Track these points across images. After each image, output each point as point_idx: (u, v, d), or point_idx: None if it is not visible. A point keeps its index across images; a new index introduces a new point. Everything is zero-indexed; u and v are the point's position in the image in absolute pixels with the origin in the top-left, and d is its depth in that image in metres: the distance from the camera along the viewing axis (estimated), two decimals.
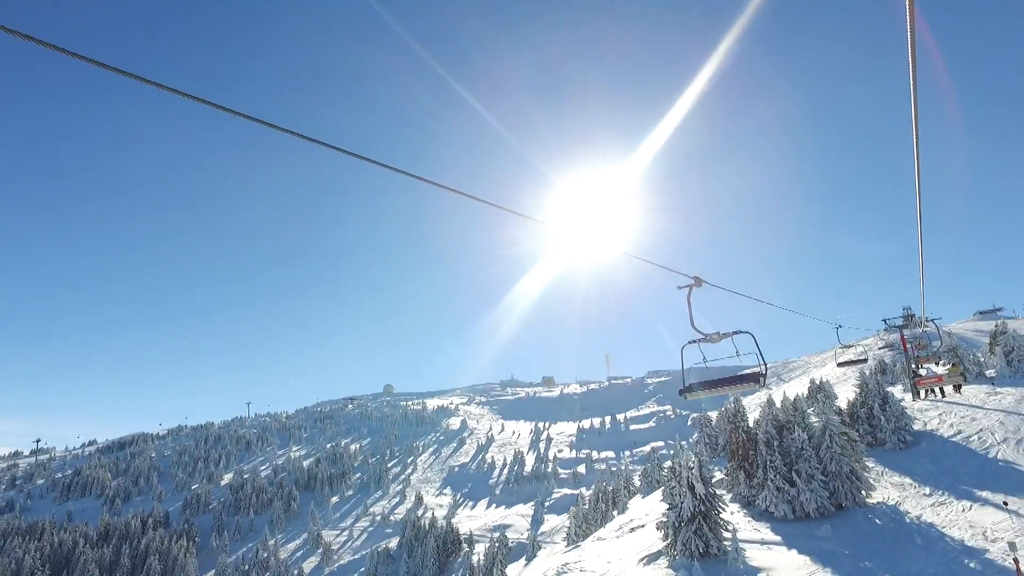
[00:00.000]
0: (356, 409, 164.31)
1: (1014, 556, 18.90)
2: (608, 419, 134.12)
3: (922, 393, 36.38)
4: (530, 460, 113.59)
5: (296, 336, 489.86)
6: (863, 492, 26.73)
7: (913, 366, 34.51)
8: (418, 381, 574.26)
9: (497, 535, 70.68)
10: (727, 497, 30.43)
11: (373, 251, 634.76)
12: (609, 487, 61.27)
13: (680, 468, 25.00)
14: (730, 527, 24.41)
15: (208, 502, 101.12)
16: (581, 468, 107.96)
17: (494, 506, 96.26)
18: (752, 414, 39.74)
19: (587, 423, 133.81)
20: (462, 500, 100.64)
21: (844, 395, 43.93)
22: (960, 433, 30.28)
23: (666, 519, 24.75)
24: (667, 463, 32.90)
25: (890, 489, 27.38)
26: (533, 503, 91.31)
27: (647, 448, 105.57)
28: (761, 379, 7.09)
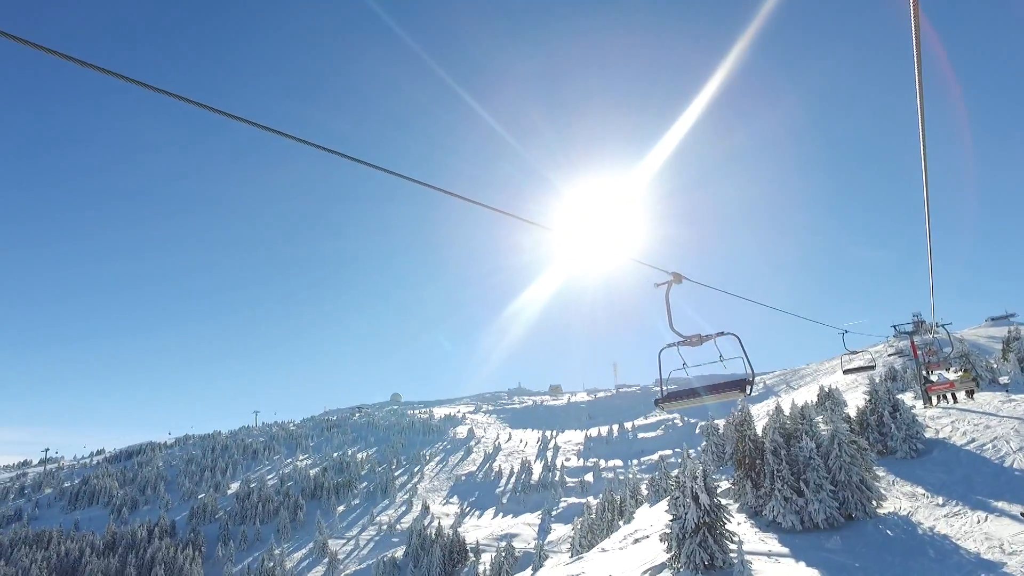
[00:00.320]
0: (363, 418, 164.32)
1: None
2: (616, 427, 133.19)
3: (934, 400, 35.59)
4: (537, 469, 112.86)
5: (303, 345, 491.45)
6: (873, 502, 25.98)
7: (924, 372, 33.80)
8: (426, 389, 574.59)
9: (504, 544, 70.02)
10: (734, 507, 29.76)
11: (379, 259, 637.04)
12: (616, 496, 60.46)
13: (684, 478, 24.42)
14: (736, 539, 23.77)
15: (215, 511, 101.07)
16: (589, 477, 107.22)
17: (501, 515, 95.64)
18: (760, 422, 39.03)
19: (595, 431, 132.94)
20: (469, 509, 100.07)
21: (854, 402, 43.13)
22: (974, 441, 29.44)
23: (670, 531, 24.17)
24: (674, 472, 32.27)
25: (901, 499, 26.62)
26: (540, 512, 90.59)
27: (655, 456, 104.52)
28: (748, 387, 6.33)
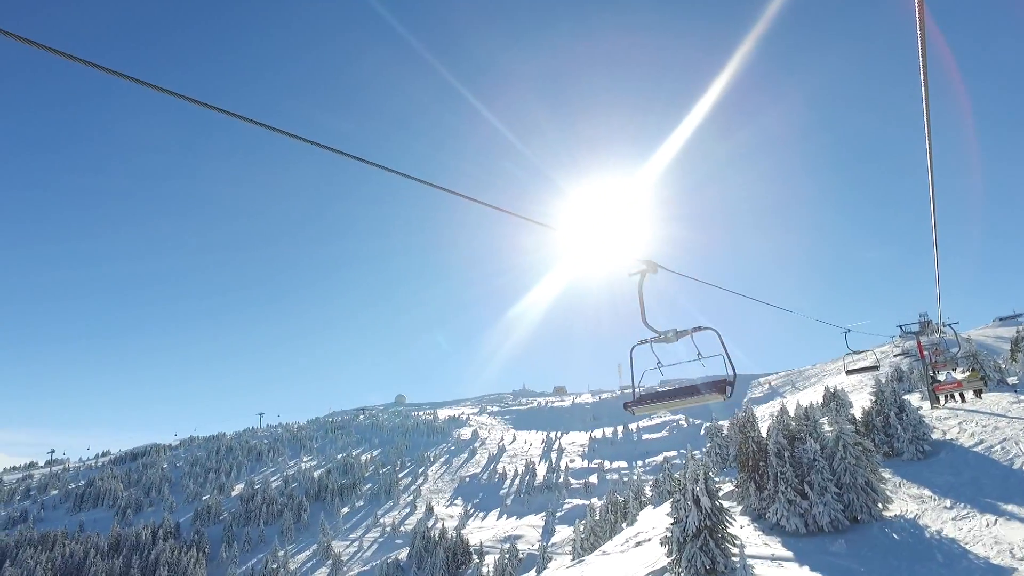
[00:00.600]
0: (367, 419, 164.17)
1: None
2: (620, 428, 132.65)
3: (941, 400, 35.06)
4: (541, 470, 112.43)
5: (308, 346, 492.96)
6: (879, 505, 25.50)
7: (931, 372, 33.30)
8: (430, 391, 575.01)
9: (507, 546, 69.75)
10: (737, 510, 29.35)
11: (383, 261, 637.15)
12: (620, 498, 60.04)
13: (685, 481, 24.03)
14: (738, 542, 23.36)
15: (219, 513, 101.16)
16: (593, 478, 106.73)
17: (505, 517, 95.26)
18: (765, 424, 38.61)
19: (599, 433, 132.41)
20: (473, 511, 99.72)
21: (859, 403, 42.63)
22: (982, 443, 28.89)
23: (670, 534, 23.78)
24: (677, 473, 31.87)
25: (908, 502, 26.13)
26: (544, 514, 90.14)
27: (660, 458, 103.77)
28: (728, 388, 5.66)
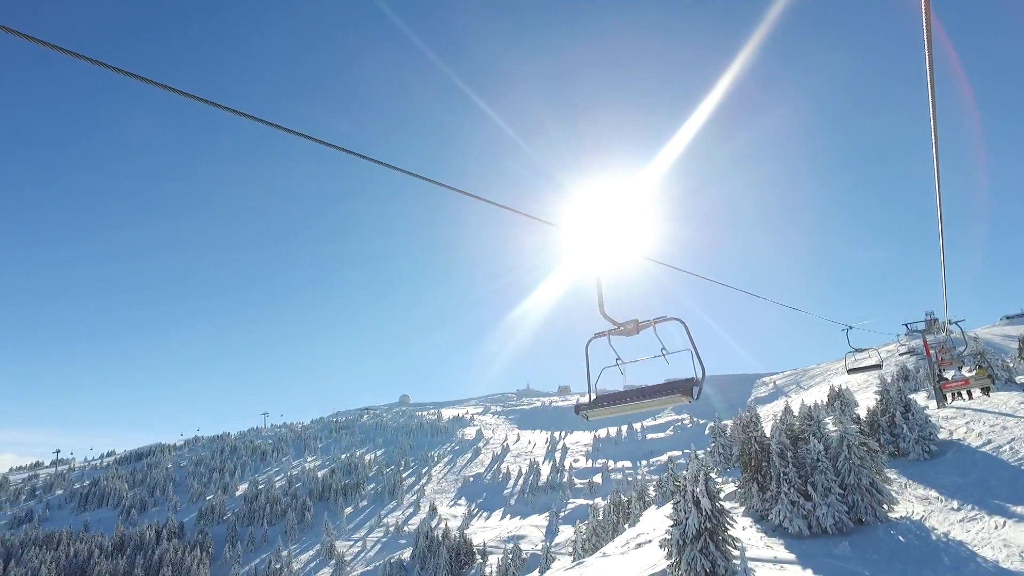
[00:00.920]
0: (371, 419, 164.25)
1: None
2: (624, 428, 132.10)
3: (948, 398, 34.52)
4: (546, 470, 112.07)
5: (312, 346, 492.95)
6: (885, 506, 25.00)
7: (937, 371, 32.77)
8: (434, 391, 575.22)
9: (511, 546, 69.46)
10: (740, 511, 28.93)
11: (387, 260, 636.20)
12: (624, 498, 59.67)
13: (685, 482, 23.61)
14: (739, 545, 22.93)
15: (223, 513, 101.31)
16: (597, 478, 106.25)
17: (508, 517, 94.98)
18: (769, 423, 38.18)
19: (603, 432, 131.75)
20: (476, 511, 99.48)
21: (864, 403, 42.06)
22: (990, 443, 28.33)
23: (670, 536, 23.37)
24: (682, 472, 31.46)
25: (914, 503, 25.64)
26: (548, 514, 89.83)
27: (664, 457, 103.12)
28: (695, 388, 4.82)
